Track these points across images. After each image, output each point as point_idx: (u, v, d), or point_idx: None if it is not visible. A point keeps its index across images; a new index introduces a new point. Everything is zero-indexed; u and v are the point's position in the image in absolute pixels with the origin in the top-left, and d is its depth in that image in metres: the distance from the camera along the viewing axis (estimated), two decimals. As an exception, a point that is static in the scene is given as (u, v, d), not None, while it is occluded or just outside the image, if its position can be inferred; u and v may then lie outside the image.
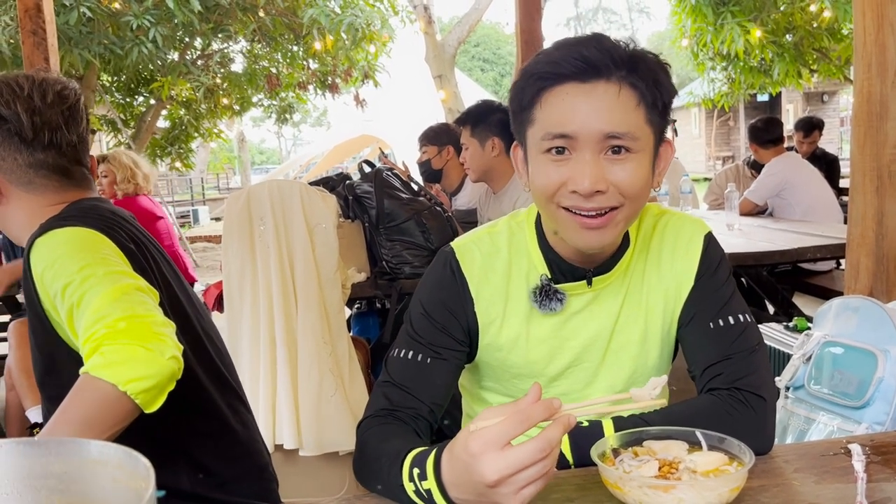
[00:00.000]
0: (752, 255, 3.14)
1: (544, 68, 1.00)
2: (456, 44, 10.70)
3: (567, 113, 0.98)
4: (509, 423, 0.77)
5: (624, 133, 0.98)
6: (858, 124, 1.95)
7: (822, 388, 1.47)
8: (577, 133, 0.98)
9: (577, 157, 0.99)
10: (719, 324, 1.09)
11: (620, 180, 0.99)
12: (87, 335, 1.02)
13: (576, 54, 0.98)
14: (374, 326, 3.41)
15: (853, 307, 1.51)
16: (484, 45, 37.96)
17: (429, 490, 0.86)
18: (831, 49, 8.38)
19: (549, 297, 1.10)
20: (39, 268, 1.13)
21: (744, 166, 5.50)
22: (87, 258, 1.11)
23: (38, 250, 1.14)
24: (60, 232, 1.16)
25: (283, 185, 2.52)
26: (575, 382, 1.16)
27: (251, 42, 8.69)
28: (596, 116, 0.97)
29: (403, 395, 1.07)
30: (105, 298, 1.05)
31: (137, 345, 1.00)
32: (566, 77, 0.99)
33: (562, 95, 0.99)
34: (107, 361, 0.98)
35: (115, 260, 1.15)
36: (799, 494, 0.92)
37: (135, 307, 1.05)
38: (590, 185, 0.97)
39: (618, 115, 0.98)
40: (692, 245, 1.14)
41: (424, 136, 3.81)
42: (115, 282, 1.08)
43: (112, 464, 0.61)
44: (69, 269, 1.09)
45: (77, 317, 1.07)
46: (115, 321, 1.01)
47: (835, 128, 22.45)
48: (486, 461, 0.77)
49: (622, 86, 0.98)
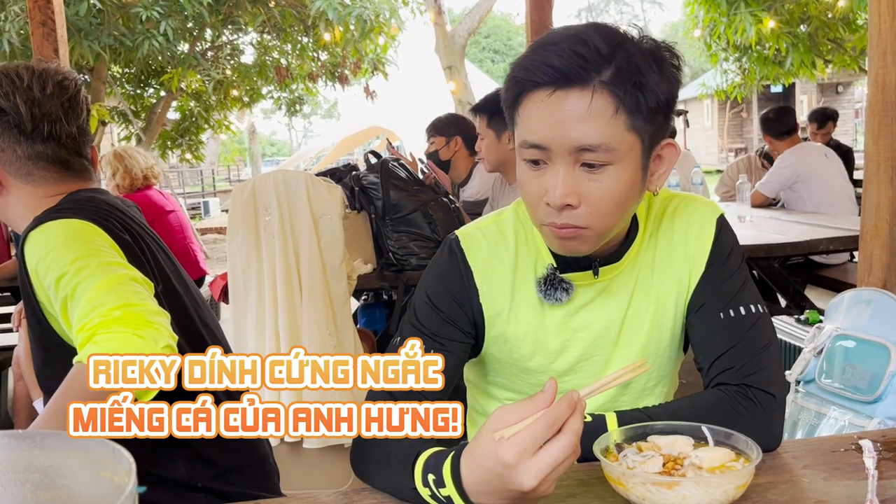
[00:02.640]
0: (764, 246, 3.11)
1: (520, 73, 0.95)
2: (466, 35, 10.63)
3: (539, 122, 0.94)
4: (539, 426, 0.76)
5: (597, 145, 0.92)
6: (873, 114, 1.92)
7: (834, 382, 1.44)
8: (549, 144, 0.94)
9: (550, 168, 0.95)
10: (730, 314, 1.06)
11: (592, 194, 0.94)
12: (80, 324, 1.02)
13: (547, 61, 0.92)
14: (381, 318, 3.40)
15: (866, 299, 1.48)
16: (494, 36, 37.84)
17: (448, 497, 0.84)
18: (846, 39, 8.27)
19: (555, 286, 1.07)
20: (33, 260, 1.12)
21: (756, 157, 5.43)
22: (81, 250, 1.11)
23: (31, 242, 1.14)
24: (54, 224, 1.15)
25: (288, 175, 2.51)
26: (585, 377, 1.13)
27: (261, 34, 8.67)
28: (566, 127, 0.92)
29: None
30: (98, 289, 1.04)
31: (131, 333, 0.99)
32: (539, 84, 0.93)
33: (536, 103, 0.94)
34: (100, 349, 0.97)
35: (108, 251, 1.14)
36: (808, 492, 0.89)
37: (129, 296, 1.04)
38: (559, 199, 0.94)
39: (589, 125, 0.91)
40: (704, 228, 1.10)
41: (432, 127, 3.79)
42: (108, 272, 1.07)
43: (96, 458, 0.60)
44: (62, 261, 1.08)
45: (71, 308, 1.06)
46: (109, 310, 1.01)
47: (849, 119, 22.24)
48: (523, 470, 0.75)
49: (595, 93, 0.91)
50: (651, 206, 1.13)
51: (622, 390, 1.14)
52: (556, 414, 0.76)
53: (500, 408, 0.80)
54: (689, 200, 1.14)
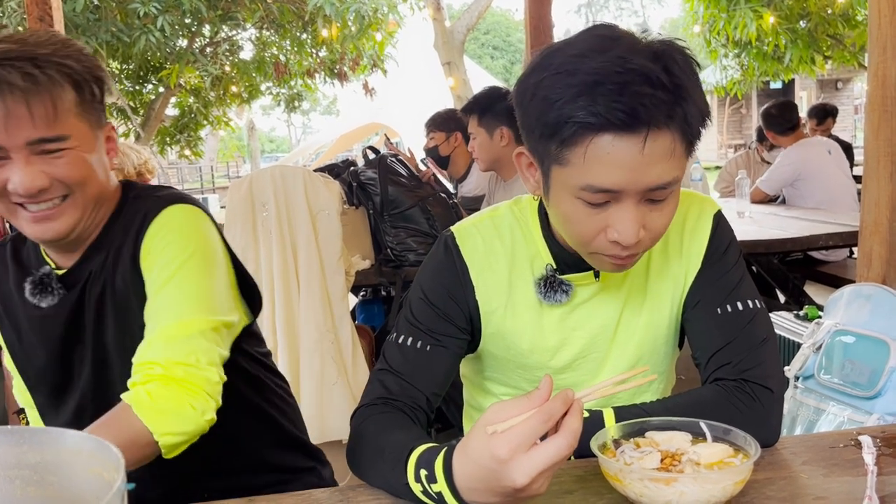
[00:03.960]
0: (763, 242, 3.10)
1: (582, 115, 0.86)
2: (465, 31, 10.61)
3: (611, 167, 0.88)
4: (534, 422, 0.75)
5: (670, 182, 0.91)
6: (873, 108, 1.90)
7: (833, 377, 1.43)
8: (623, 188, 0.90)
9: (615, 207, 0.92)
10: (727, 309, 1.06)
11: (655, 224, 0.94)
12: (144, 360, 1.02)
13: (622, 105, 0.85)
14: (380, 314, 3.40)
15: (866, 295, 1.47)
16: (494, 32, 37.79)
17: (440, 493, 0.83)
18: (845, 35, 8.25)
19: (555, 288, 1.07)
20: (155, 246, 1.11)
21: (754, 152, 5.38)
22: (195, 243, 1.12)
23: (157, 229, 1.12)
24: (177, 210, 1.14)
25: (286, 170, 2.50)
26: (582, 374, 1.13)
27: (259, 30, 8.65)
28: (642, 172, 0.88)
29: (401, 383, 1.05)
30: (178, 328, 1.04)
31: (186, 401, 0.99)
32: (605, 128, 0.86)
33: (603, 147, 0.87)
34: (153, 406, 0.97)
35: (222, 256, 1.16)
36: (806, 488, 0.89)
37: (199, 355, 1.03)
38: (633, 239, 0.92)
39: (665, 166, 0.89)
40: (700, 225, 1.10)
41: (432, 122, 3.78)
42: (208, 300, 1.08)
43: (86, 453, 0.59)
44: (177, 253, 1.09)
45: (155, 305, 1.07)
46: (175, 364, 1.01)
47: (849, 115, 22.19)
48: (517, 466, 0.74)
49: (672, 134, 0.88)
50: None
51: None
52: (551, 410, 0.75)
53: (496, 404, 0.79)
54: (686, 197, 1.13)
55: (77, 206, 1.09)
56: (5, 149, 1.02)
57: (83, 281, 1.14)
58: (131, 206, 1.16)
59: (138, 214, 1.13)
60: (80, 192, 1.08)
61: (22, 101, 1.00)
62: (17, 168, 1.02)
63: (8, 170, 1.03)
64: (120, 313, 1.13)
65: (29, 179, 1.02)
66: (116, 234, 1.14)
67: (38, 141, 1.02)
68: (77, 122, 1.06)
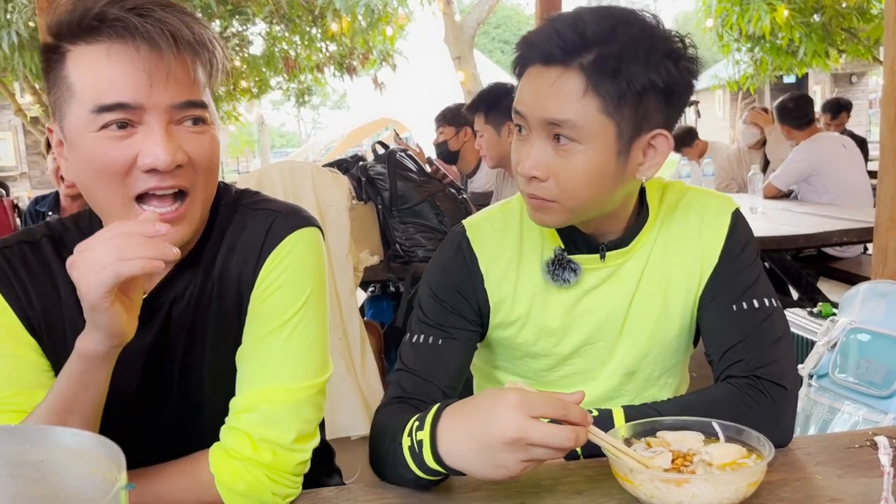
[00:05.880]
0: (776, 238, 3.07)
1: (520, 48, 1.01)
2: (475, 24, 10.56)
3: (522, 92, 1.00)
4: (551, 399, 0.79)
5: (563, 121, 0.95)
6: (888, 103, 1.88)
7: (848, 376, 1.41)
8: (525, 114, 0.99)
9: (528, 139, 1.00)
10: (742, 306, 1.05)
11: (560, 170, 0.98)
12: (238, 426, 0.91)
13: (538, 38, 0.97)
14: (388, 310, 3.39)
15: (882, 292, 1.45)
16: (504, 26, 37.68)
17: (420, 441, 0.85)
18: (860, 29, 8.16)
19: (563, 267, 1.07)
20: (276, 280, 0.95)
21: (746, 149, 5.11)
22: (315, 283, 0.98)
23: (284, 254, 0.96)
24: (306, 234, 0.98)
25: (294, 166, 2.50)
26: (590, 361, 1.13)
27: (269, 24, 8.66)
28: (538, 100, 0.97)
29: (416, 380, 1.06)
30: (284, 394, 0.93)
31: (268, 488, 0.90)
32: (530, 59, 0.99)
33: (526, 75, 1.01)
34: (232, 480, 0.89)
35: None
36: (821, 489, 0.87)
37: (299, 429, 0.93)
38: (527, 170, 0.99)
39: (557, 102, 0.95)
40: (718, 222, 1.10)
41: (442, 117, 3.76)
42: (317, 359, 0.98)
43: (88, 452, 0.59)
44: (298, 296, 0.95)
45: (261, 355, 0.94)
46: (268, 445, 0.91)
47: (863, 110, 21.97)
48: (514, 418, 0.76)
49: (568, 73, 0.94)
50: (665, 196, 1.12)
51: (626, 379, 1.13)
52: (568, 406, 0.79)
53: (519, 382, 0.84)
54: (704, 194, 1.14)
55: (197, 206, 0.89)
56: (141, 110, 0.82)
57: (168, 304, 0.95)
58: (232, 219, 0.98)
59: (252, 232, 0.96)
60: (202, 186, 0.89)
61: (172, 56, 0.82)
62: (152, 136, 0.83)
63: (138, 140, 0.83)
64: (216, 343, 0.97)
65: (171, 149, 0.83)
66: (218, 250, 0.96)
67: (184, 105, 0.85)
68: (210, 100, 0.90)
